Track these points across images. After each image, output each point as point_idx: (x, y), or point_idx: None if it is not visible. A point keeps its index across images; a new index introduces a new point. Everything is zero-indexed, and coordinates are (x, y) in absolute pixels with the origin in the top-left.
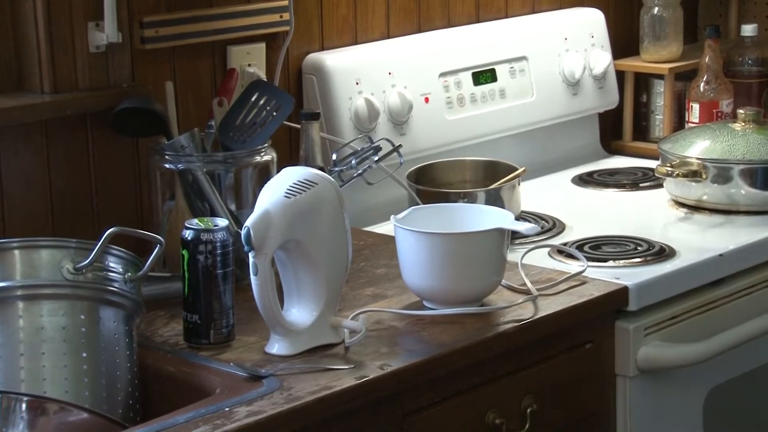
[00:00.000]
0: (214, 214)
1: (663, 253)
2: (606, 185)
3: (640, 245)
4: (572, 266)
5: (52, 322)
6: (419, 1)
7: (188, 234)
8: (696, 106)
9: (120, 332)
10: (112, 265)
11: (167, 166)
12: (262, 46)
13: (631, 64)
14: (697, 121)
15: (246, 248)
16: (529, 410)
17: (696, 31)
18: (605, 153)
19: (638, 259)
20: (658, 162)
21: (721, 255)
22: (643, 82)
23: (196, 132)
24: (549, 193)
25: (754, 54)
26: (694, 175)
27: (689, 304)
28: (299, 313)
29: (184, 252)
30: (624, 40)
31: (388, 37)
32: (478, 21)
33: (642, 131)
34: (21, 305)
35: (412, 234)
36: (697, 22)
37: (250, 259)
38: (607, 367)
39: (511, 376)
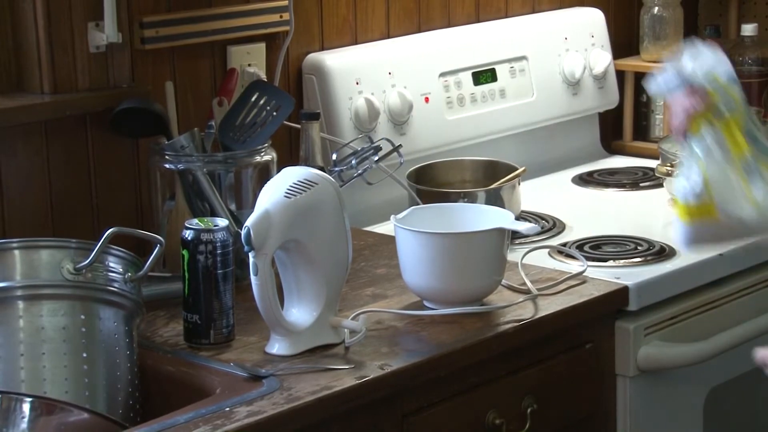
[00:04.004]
0: (214, 214)
1: (663, 252)
2: (606, 185)
3: (640, 245)
4: (572, 266)
5: (52, 323)
6: (419, 1)
7: (188, 234)
8: None
9: (120, 332)
10: (112, 265)
11: (167, 166)
12: (262, 46)
13: (631, 63)
14: None
15: (246, 248)
16: (529, 410)
17: (696, 31)
18: (605, 153)
19: (638, 259)
20: (658, 162)
21: (721, 255)
22: (643, 81)
23: (196, 132)
24: (549, 193)
25: (754, 54)
26: None
27: (689, 304)
28: (299, 313)
29: (185, 252)
30: (624, 40)
31: (388, 37)
32: (478, 21)
33: (642, 131)
34: (21, 305)
35: (412, 234)
36: (697, 22)
37: (250, 259)
38: (607, 367)
39: (511, 376)
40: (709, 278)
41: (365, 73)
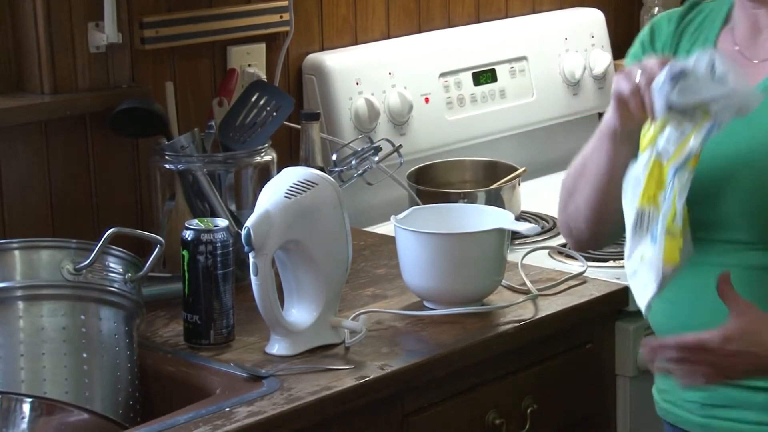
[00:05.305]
0: (214, 214)
1: None
2: None
3: None
4: (572, 266)
5: (53, 323)
6: (419, 1)
7: (188, 234)
8: None
9: (120, 332)
10: (112, 265)
11: (167, 166)
12: (262, 46)
13: None
14: None
15: (246, 248)
16: (529, 410)
17: None
18: None
19: None
20: None
21: None
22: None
23: (196, 132)
24: (549, 193)
25: None
26: None
27: None
28: (299, 313)
29: (185, 252)
30: (624, 40)
31: (388, 37)
32: (478, 21)
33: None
34: (21, 306)
35: (412, 234)
36: None
37: (251, 260)
38: (607, 367)
39: (511, 376)
40: None
41: (365, 74)
